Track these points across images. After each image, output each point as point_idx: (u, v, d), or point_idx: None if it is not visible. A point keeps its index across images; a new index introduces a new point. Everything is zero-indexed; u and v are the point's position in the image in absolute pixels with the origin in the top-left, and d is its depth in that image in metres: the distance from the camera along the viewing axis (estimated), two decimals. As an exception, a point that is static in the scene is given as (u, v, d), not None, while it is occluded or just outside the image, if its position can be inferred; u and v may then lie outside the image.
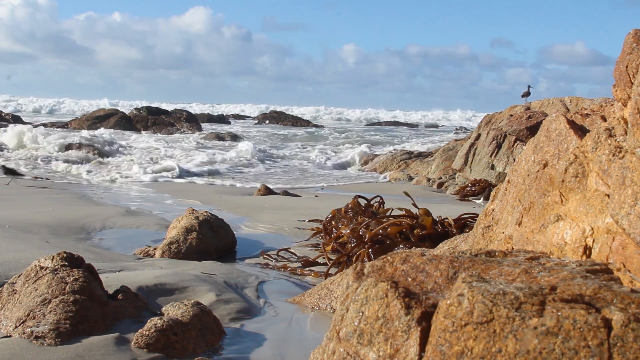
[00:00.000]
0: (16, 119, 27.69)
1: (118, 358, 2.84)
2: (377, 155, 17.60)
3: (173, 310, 3.31)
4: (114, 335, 3.04)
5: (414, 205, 5.87)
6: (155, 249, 5.49)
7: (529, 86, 14.77)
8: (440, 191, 11.59)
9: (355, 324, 1.84)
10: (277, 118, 34.96)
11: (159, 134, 24.05)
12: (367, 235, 5.27)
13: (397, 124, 40.91)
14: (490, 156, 11.90)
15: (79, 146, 15.71)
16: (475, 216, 5.54)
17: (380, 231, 5.24)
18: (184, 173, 13.09)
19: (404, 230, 5.23)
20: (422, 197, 9.77)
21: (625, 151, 2.13)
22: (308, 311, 4.03)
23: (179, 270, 4.49)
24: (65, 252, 3.56)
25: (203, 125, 28.86)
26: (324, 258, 5.44)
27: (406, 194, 6.31)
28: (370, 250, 5.04)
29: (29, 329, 3.02)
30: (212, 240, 5.60)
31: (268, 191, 10.04)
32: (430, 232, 5.20)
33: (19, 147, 16.20)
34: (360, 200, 6.64)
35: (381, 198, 6.84)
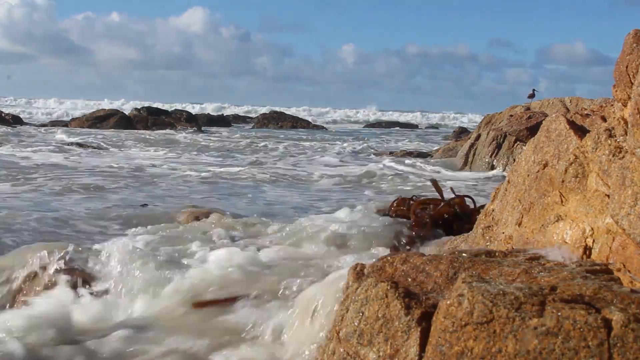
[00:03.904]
0: (16, 120, 27.67)
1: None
2: (377, 155, 17.58)
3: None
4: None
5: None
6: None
7: (534, 89, 14.91)
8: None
9: (355, 324, 1.84)
10: (277, 119, 34.88)
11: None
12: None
13: (397, 124, 40.85)
14: (490, 156, 11.90)
15: None
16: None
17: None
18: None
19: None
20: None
21: (625, 151, 2.13)
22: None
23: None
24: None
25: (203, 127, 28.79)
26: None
27: (433, 181, 6.24)
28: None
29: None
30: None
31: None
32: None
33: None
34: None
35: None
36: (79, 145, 15.82)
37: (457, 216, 5.29)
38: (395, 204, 6.10)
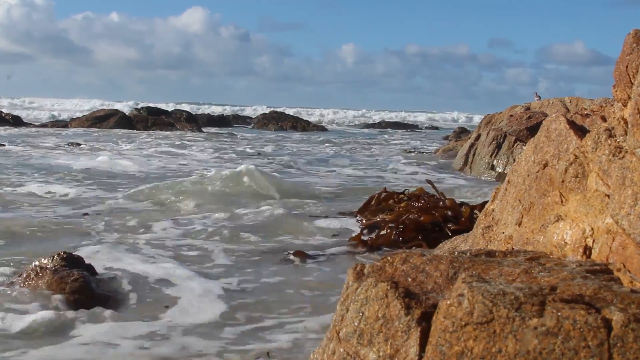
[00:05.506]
0: (16, 120, 27.64)
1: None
2: (377, 155, 17.56)
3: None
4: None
5: (442, 195, 5.91)
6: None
7: (536, 93, 15.75)
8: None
9: (355, 324, 1.84)
10: (277, 119, 34.79)
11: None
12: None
13: (397, 124, 40.77)
14: (490, 156, 11.90)
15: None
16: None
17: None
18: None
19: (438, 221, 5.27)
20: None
21: (625, 151, 2.13)
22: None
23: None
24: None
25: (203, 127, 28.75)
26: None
27: (429, 182, 6.28)
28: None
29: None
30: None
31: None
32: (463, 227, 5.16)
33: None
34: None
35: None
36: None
37: (446, 218, 5.31)
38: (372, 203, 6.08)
